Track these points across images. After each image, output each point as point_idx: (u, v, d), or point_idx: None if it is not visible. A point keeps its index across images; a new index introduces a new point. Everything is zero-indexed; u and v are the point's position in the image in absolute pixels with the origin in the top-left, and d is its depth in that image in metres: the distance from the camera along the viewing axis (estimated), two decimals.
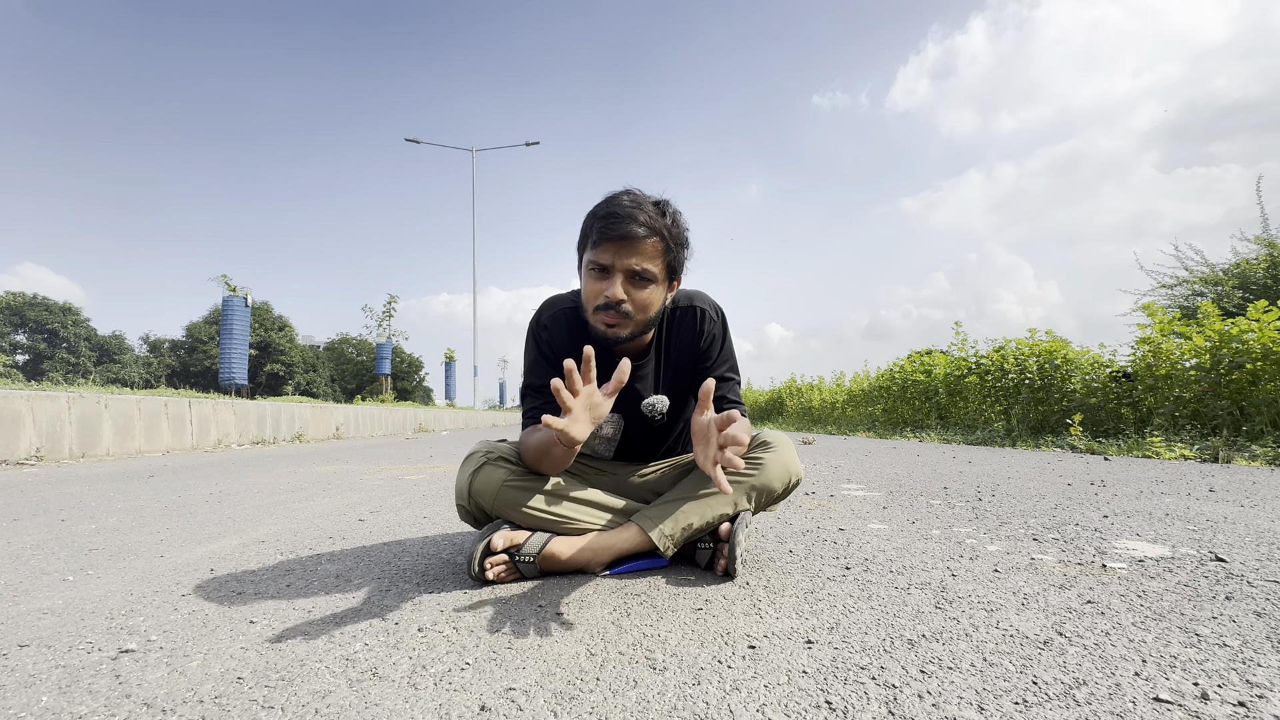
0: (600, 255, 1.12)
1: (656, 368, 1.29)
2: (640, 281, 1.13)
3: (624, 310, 1.13)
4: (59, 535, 1.70)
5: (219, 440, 6.60)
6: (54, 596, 1.12)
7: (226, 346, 11.03)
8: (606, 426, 1.32)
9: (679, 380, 1.31)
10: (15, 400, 4.39)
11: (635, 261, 1.11)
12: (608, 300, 1.12)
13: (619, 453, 1.38)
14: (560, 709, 0.68)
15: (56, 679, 0.77)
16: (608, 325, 1.14)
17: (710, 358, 1.29)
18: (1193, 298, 8.09)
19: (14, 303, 35.18)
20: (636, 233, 1.09)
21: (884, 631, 0.89)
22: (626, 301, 1.12)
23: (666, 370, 1.29)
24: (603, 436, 1.34)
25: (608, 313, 1.13)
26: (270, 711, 0.68)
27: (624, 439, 1.35)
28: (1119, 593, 1.06)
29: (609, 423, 1.32)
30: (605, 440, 1.35)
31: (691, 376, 1.30)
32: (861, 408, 10.90)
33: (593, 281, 1.14)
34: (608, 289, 1.12)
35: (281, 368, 35.59)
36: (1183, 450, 4.07)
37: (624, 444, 1.36)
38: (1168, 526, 1.64)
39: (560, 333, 1.25)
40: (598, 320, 1.15)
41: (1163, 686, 0.71)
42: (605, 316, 1.14)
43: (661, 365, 1.29)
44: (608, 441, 1.35)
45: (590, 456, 1.39)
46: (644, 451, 1.39)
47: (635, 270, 1.11)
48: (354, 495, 2.50)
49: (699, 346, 1.28)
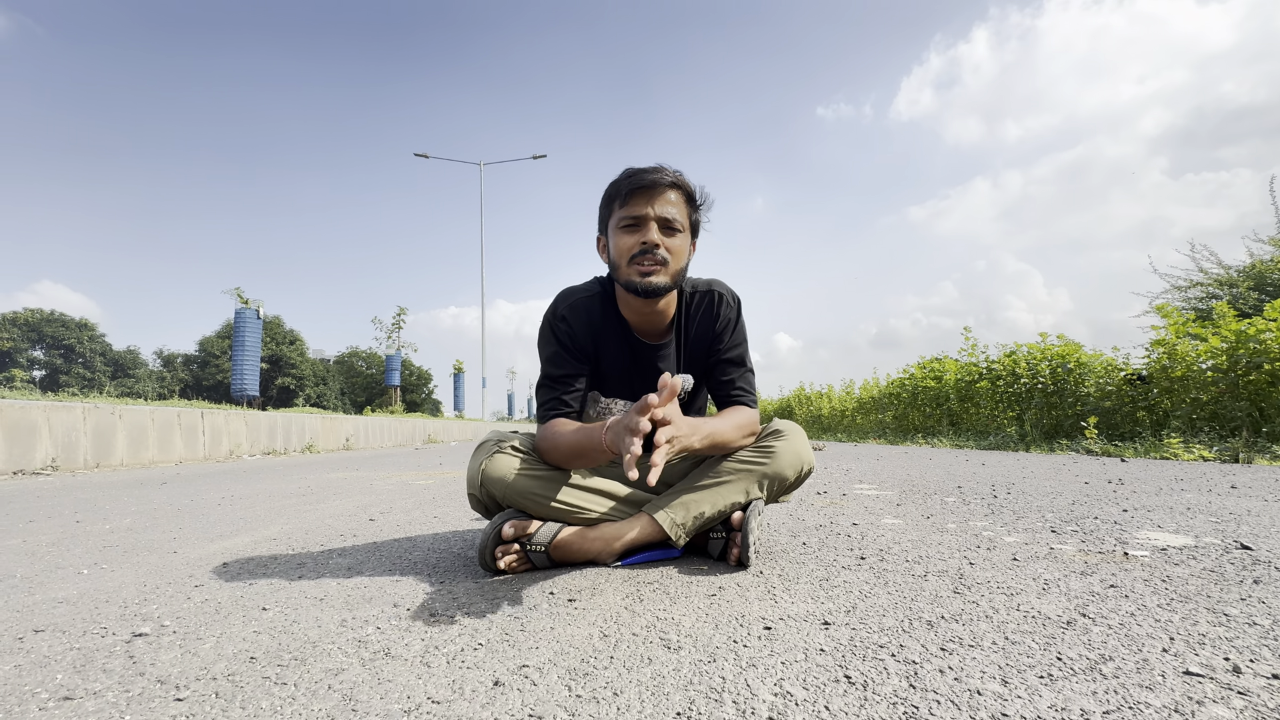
0: (632, 208, 1.17)
1: (678, 349, 1.31)
2: (670, 231, 1.18)
3: (660, 256, 1.16)
4: (74, 534, 1.71)
5: (231, 450, 6.65)
6: (69, 587, 1.12)
7: (239, 357, 11.14)
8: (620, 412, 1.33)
9: (696, 363, 1.32)
10: (32, 411, 4.45)
11: (664, 209, 1.17)
12: (644, 245, 1.16)
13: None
14: (574, 684, 0.67)
15: (71, 659, 0.77)
16: (644, 273, 1.17)
17: (723, 340, 1.30)
18: (1207, 299, 7.99)
19: (32, 319, 35.79)
20: (663, 180, 1.17)
21: (902, 614, 0.87)
22: (661, 246, 1.16)
23: (687, 351, 1.32)
24: None
25: (645, 258, 1.16)
26: (283, 687, 0.68)
27: None
28: (1142, 578, 1.04)
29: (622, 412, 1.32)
30: None
31: (705, 360, 1.32)
32: (872, 415, 10.82)
33: (626, 235, 1.18)
34: (645, 236, 1.16)
35: (293, 381, 35.88)
36: (1202, 452, 4.00)
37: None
38: (1190, 519, 1.61)
39: (579, 321, 1.26)
40: (633, 270, 1.18)
41: (1192, 661, 0.69)
42: (642, 264, 1.16)
43: (682, 346, 1.31)
44: None
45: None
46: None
47: (665, 218, 1.17)
48: (364, 498, 2.50)
49: (715, 329, 1.30)
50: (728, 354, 1.30)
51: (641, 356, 1.29)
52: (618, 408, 1.33)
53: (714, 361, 1.31)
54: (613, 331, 1.28)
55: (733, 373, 1.30)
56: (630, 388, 1.32)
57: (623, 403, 1.33)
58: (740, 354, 1.32)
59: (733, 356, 1.30)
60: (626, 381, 1.31)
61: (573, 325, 1.25)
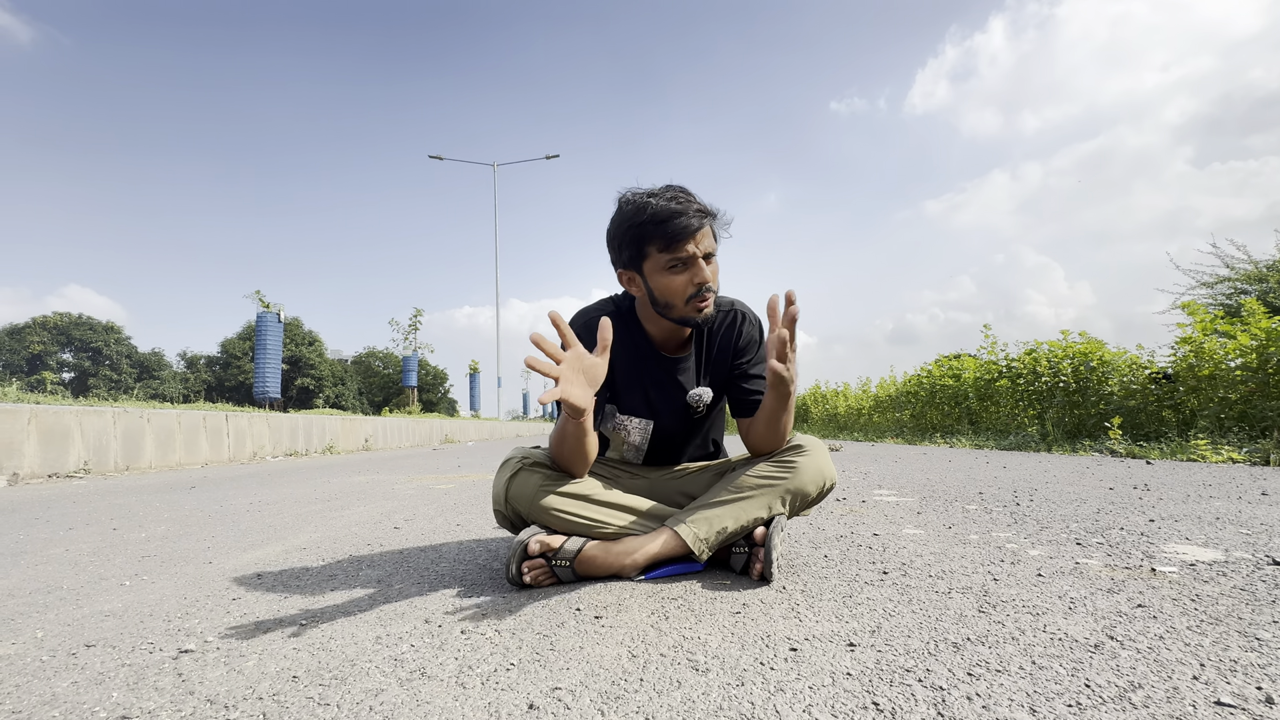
0: (680, 251, 1.19)
1: (698, 362, 1.35)
2: (709, 260, 1.23)
3: (711, 289, 1.23)
4: (113, 543, 1.77)
5: (254, 452, 6.78)
6: (113, 600, 1.17)
7: (261, 361, 11.35)
8: (635, 434, 1.36)
9: (716, 376, 1.36)
10: (65, 416, 4.58)
11: (707, 245, 1.21)
12: (700, 286, 1.21)
13: (650, 457, 1.41)
14: (607, 708, 0.69)
15: (124, 677, 0.80)
16: (700, 309, 1.23)
17: (747, 355, 1.36)
18: (1235, 295, 7.80)
19: (61, 323, 36.75)
20: (703, 223, 1.20)
21: (927, 635, 0.88)
22: (710, 281, 1.22)
23: (707, 364, 1.36)
24: (631, 444, 1.37)
25: (701, 298, 1.22)
26: (326, 708, 0.70)
27: (655, 440, 1.38)
28: (1170, 596, 1.03)
29: (637, 430, 1.36)
30: (634, 448, 1.38)
31: (726, 374, 1.36)
32: (889, 414, 10.72)
33: (678, 276, 1.21)
34: (697, 276, 1.20)
35: (312, 381, 36.44)
36: (1230, 453, 3.92)
37: (655, 446, 1.39)
38: (1219, 530, 1.59)
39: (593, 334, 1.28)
40: (691, 309, 1.23)
41: (1224, 690, 0.69)
42: (699, 302, 1.22)
43: (702, 360, 1.36)
44: (636, 449, 1.38)
45: (622, 462, 1.42)
46: (674, 452, 1.42)
47: (709, 253, 1.22)
48: (387, 504, 2.55)
49: (738, 345, 1.35)
50: (754, 368, 1.35)
51: (661, 368, 1.33)
52: (632, 425, 1.35)
53: (738, 374, 1.35)
54: (630, 345, 1.31)
55: (759, 384, 1.34)
56: (645, 399, 1.34)
57: (637, 420, 1.35)
58: (761, 369, 1.34)
59: (759, 371, 1.34)
60: (641, 393, 1.33)
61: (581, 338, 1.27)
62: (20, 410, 4.25)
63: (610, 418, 1.35)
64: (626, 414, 1.35)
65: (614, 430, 1.37)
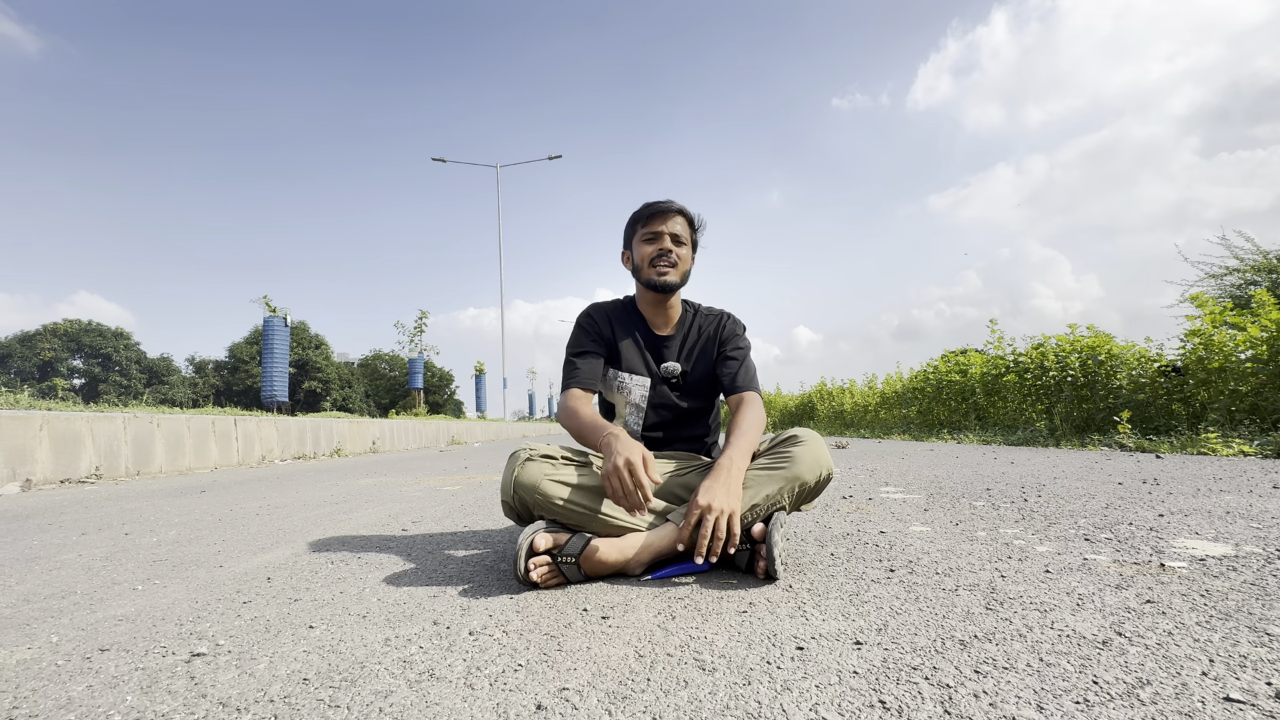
0: (650, 227, 1.51)
1: (680, 344, 1.57)
2: (677, 243, 1.52)
3: (672, 259, 1.49)
4: (125, 548, 1.78)
5: (263, 456, 6.83)
6: (126, 604, 1.18)
7: (268, 365, 11.42)
8: (634, 391, 1.53)
9: (701, 360, 1.55)
10: (77, 422, 4.63)
11: (674, 228, 1.51)
12: (660, 251, 1.49)
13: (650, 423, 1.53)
14: (614, 708, 0.69)
15: (138, 680, 0.81)
16: (660, 273, 1.49)
17: (729, 343, 1.56)
18: (1245, 287, 7.72)
19: (71, 329, 37.10)
20: (672, 208, 1.53)
21: (934, 633, 0.88)
22: (672, 252, 1.50)
23: (686, 347, 1.57)
24: (632, 403, 1.54)
25: (660, 260, 1.49)
26: (337, 710, 0.71)
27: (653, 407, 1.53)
28: (1180, 592, 1.03)
29: (636, 386, 1.53)
30: (635, 409, 1.54)
31: (713, 356, 1.56)
32: (895, 410, 10.68)
33: (647, 245, 1.51)
34: (660, 245, 1.50)
35: (319, 385, 36.64)
36: (1241, 446, 3.88)
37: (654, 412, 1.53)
38: (1229, 524, 1.58)
39: (601, 318, 1.57)
40: (652, 271, 1.50)
41: (1233, 686, 0.68)
42: (658, 265, 1.49)
43: (684, 343, 1.57)
44: (636, 410, 1.54)
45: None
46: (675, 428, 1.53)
47: (674, 234, 1.51)
48: (395, 506, 2.56)
49: (720, 335, 1.58)
50: (733, 351, 1.55)
51: (651, 343, 1.56)
52: (633, 381, 1.53)
53: (721, 355, 1.56)
54: (631, 326, 1.57)
55: (738, 362, 1.54)
56: (644, 363, 1.55)
57: (633, 377, 1.53)
58: (742, 353, 1.55)
59: (738, 354, 1.54)
60: (641, 360, 1.55)
61: (595, 319, 1.56)
62: (33, 417, 4.30)
63: (614, 378, 1.54)
64: (627, 371, 1.53)
65: (617, 390, 1.53)
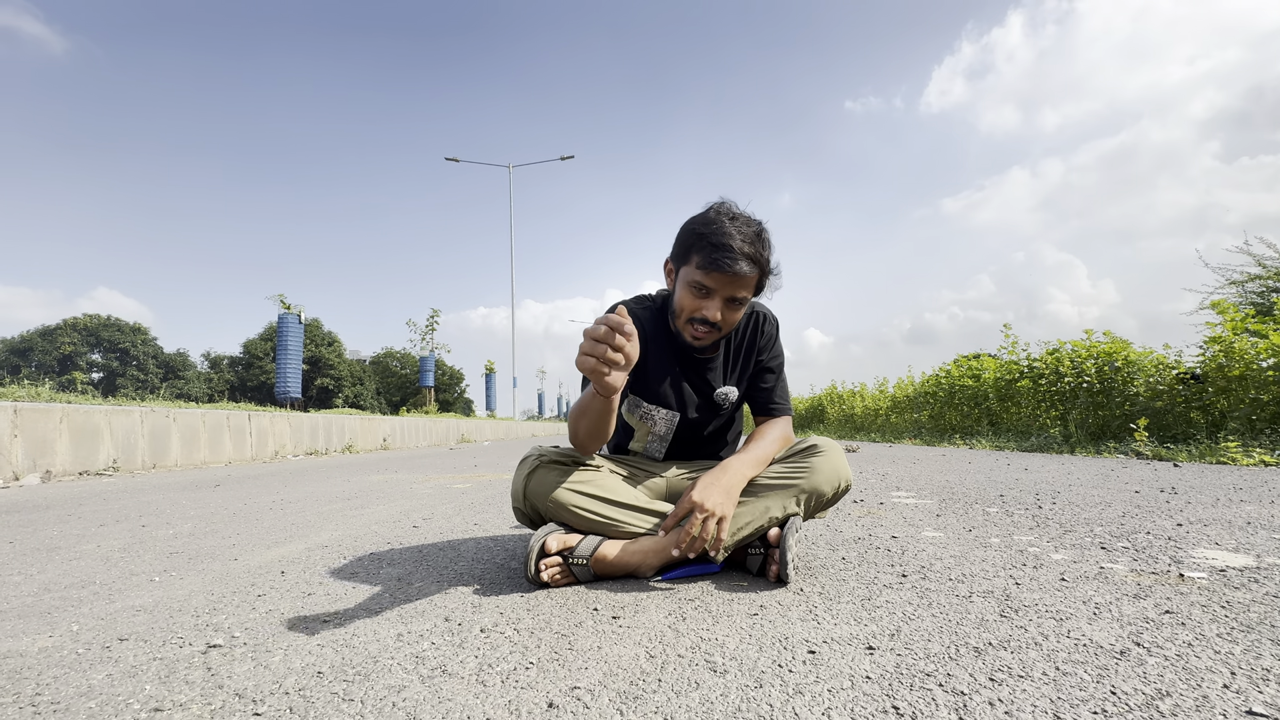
0: (707, 280, 1.20)
1: (725, 362, 1.40)
2: (734, 305, 1.24)
3: (717, 327, 1.24)
4: (142, 540, 1.81)
5: (276, 451, 6.91)
6: (144, 595, 1.20)
7: (282, 361, 11.54)
8: (661, 425, 1.38)
9: (743, 375, 1.42)
10: (95, 415, 4.70)
11: (736, 291, 1.21)
12: (705, 319, 1.22)
13: (671, 451, 1.43)
14: (626, 708, 0.69)
15: (156, 670, 0.82)
16: (695, 337, 1.26)
17: (764, 354, 1.42)
18: (1268, 294, 7.58)
19: (90, 324, 37.75)
20: (744, 271, 1.18)
21: (948, 639, 0.87)
22: (721, 321, 1.23)
23: (732, 364, 1.41)
24: (656, 434, 1.39)
25: (699, 327, 1.24)
26: (350, 704, 0.72)
27: (679, 432, 1.40)
28: (1200, 603, 1.01)
29: (664, 421, 1.38)
30: (658, 439, 1.40)
31: (749, 369, 1.42)
32: (906, 414, 10.60)
33: (692, 297, 1.23)
34: (707, 310, 1.21)
35: (331, 381, 36.98)
36: (1262, 456, 3.81)
37: (679, 438, 1.41)
38: (1250, 535, 1.55)
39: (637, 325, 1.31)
40: (688, 330, 1.26)
41: (1256, 700, 0.67)
42: (696, 330, 1.25)
43: (729, 361, 1.41)
44: (660, 440, 1.40)
45: (643, 457, 1.44)
46: (696, 446, 1.44)
47: (734, 299, 1.22)
48: (406, 503, 2.58)
49: (759, 342, 1.41)
50: (771, 364, 1.42)
51: (690, 366, 1.37)
52: (659, 415, 1.37)
53: (758, 371, 1.42)
54: (664, 342, 1.35)
55: (770, 381, 1.42)
56: (675, 392, 1.36)
57: (665, 411, 1.37)
58: (778, 364, 1.43)
59: (772, 366, 1.42)
60: (671, 385, 1.36)
61: None
62: (53, 410, 4.38)
63: (637, 406, 1.38)
64: (654, 404, 1.37)
65: (640, 420, 1.39)
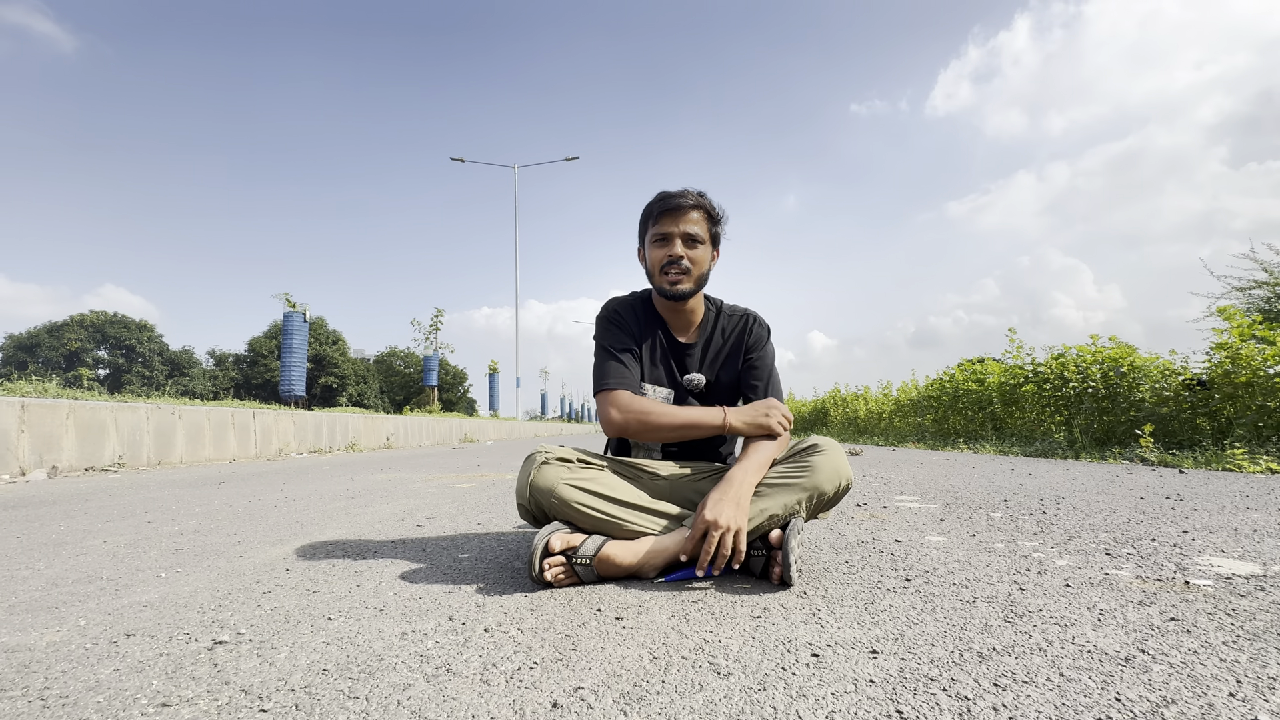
0: (661, 227, 1.37)
1: (702, 352, 1.47)
2: (692, 243, 1.37)
3: (684, 266, 1.36)
4: (148, 536, 1.82)
5: (280, 449, 6.93)
6: (150, 591, 1.21)
7: (287, 359, 11.58)
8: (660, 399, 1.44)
9: (726, 367, 1.47)
10: (101, 411, 4.73)
11: (688, 226, 1.36)
12: (671, 258, 1.35)
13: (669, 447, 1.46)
14: (629, 709, 0.69)
15: (163, 665, 0.83)
16: (671, 281, 1.37)
17: (755, 352, 1.47)
18: (1274, 300, 7.54)
19: (97, 321, 37.97)
20: (685, 203, 1.36)
21: (951, 644, 0.87)
22: (685, 258, 1.36)
23: (709, 355, 1.47)
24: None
25: (672, 269, 1.36)
26: (356, 701, 0.72)
27: None
28: (1205, 610, 1.01)
29: (660, 398, 1.44)
30: None
31: (732, 367, 1.47)
32: (910, 418, 10.57)
33: (657, 249, 1.38)
34: (670, 250, 1.36)
35: (335, 380, 37.10)
36: (1269, 463, 3.79)
37: None
38: (1256, 543, 1.54)
39: (626, 313, 1.45)
40: (663, 280, 1.37)
41: (1261, 708, 0.67)
42: (670, 274, 1.37)
43: (706, 351, 1.47)
44: None
45: (643, 452, 1.46)
46: (694, 447, 1.47)
47: (689, 234, 1.36)
48: (409, 502, 2.59)
49: (745, 342, 1.47)
50: (759, 362, 1.46)
51: (672, 351, 1.46)
52: (654, 393, 1.44)
53: (746, 368, 1.47)
54: (651, 328, 1.46)
55: (764, 372, 1.46)
56: (667, 373, 1.46)
57: (656, 389, 1.44)
58: (769, 363, 1.48)
59: (763, 364, 1.46)
60: (662, 369, 1.46)
61: (624, 316, 1.45)
62: (59, 405, 4.41)
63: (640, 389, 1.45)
64: (651, 383, 1.45)
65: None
